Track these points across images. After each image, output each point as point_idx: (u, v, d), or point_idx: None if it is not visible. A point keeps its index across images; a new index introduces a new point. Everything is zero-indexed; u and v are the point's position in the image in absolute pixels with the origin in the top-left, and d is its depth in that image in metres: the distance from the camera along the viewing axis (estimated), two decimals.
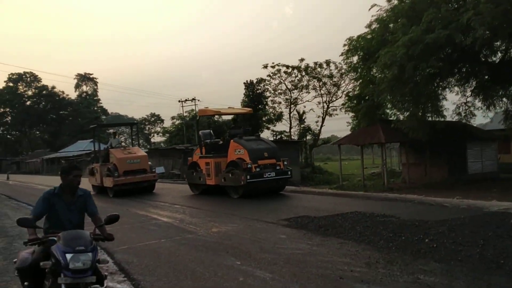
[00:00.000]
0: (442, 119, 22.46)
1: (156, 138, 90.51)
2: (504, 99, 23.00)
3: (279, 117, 44.79)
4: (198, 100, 53.80)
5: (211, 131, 18.29)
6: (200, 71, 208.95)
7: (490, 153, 26.46)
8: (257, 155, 14.59)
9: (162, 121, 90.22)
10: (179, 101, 55.59)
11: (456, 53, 19.79)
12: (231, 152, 15.19)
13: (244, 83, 42.40)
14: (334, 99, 43.78)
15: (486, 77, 21.73)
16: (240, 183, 14.28)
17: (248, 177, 13.99)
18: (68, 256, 3.59)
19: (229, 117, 39.97)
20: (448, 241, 6.97)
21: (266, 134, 44.11)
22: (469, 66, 21.26)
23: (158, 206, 14.26)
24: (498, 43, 19.63)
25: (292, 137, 43.73)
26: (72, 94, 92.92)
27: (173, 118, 65.81)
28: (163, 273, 6.31)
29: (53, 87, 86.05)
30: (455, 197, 13.57)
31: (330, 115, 44.49)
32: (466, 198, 13.66)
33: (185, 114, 57.40)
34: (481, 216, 8.90)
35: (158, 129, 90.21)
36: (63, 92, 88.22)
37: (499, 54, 21.50)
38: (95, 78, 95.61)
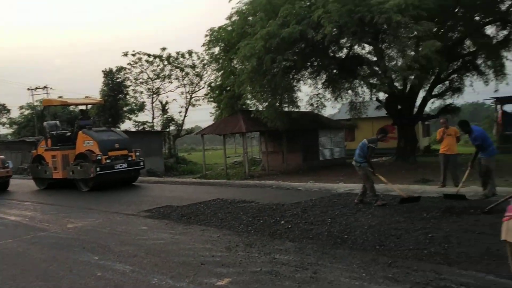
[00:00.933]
0: (297, 110, 24.04)
1: (2, 130, 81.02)
2: (350, 91, 25.57)
3: (141, 107, 43.44)
4: (51, 88, 49.63)
5: (57, 122, 17.46)
6: (53, 58, 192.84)
7: (338, 141, 29.12)
8: (108, 146, 14.34)
9: (8, 111, 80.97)
10: (29, 89, 50.74)
11: (309, 47, 21.25)
12: (79, 143, 14.74)
13: (102, 71, 40.13)
14: (197, 89, 43.88)
15: (335, 71, 23.79)
16: (89, 175, 13.91)
17: (98, 169, 13.72)
18: None
19: (89, 107, 37.59)
20: (301, 221, 7.53)
21: (127, 125, 42.63)
22: (320, 60, 22.98)
23: (4, 204, 12.87)
24: (344, 40, 21.55)
25: (155, 127, 42.85)
26: None
27: (21, 107, 59.62)
28: (8, 276, 5.72)
29: None
30: (309, 181, 14.74)
31: (194, 105, 44.52)
32: (318, 182, 14.91)
33: (35, 103, 52.49)
34: (330, 197, 9.77)
35: (4, 120, 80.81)
36: None
37: (345, 50, 23.70)
38: None
